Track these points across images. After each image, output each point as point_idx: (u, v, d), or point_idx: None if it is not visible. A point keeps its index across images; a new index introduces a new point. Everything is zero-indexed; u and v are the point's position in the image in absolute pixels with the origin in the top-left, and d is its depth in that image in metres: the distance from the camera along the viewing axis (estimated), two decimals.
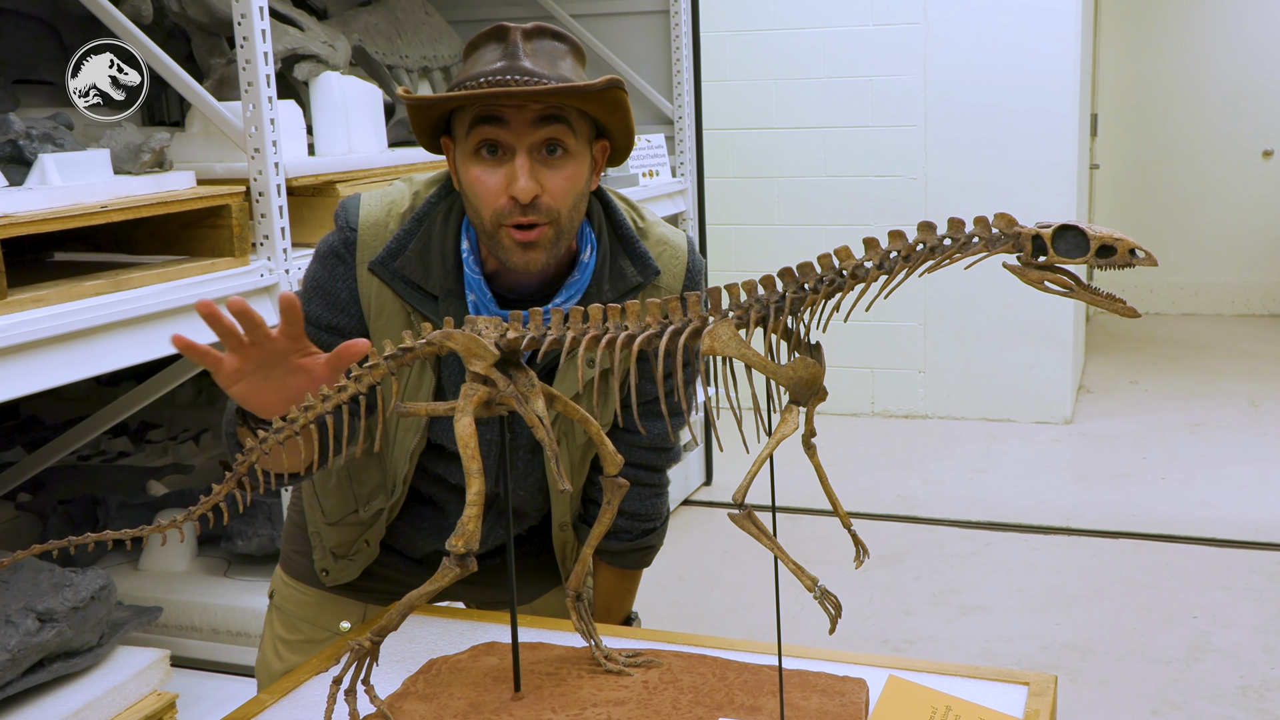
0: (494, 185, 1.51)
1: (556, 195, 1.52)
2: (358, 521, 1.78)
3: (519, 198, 1.49)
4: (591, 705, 1.41)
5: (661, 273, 1.70)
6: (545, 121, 1.50)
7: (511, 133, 1.49)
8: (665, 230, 1.75)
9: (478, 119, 1.50)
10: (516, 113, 1.48)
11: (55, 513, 3.27)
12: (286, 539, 1.92)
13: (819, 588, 1.29)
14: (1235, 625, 3.60)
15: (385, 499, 1.74)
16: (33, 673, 2.25)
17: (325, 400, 1.42)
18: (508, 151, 1.51)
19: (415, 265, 1.61)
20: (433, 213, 1.64)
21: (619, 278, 1.66)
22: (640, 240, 1.69)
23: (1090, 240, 1.13)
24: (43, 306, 2.09)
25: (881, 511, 4.64)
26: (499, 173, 1.51)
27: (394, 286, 1.61)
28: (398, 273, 1.61)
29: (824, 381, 1.27)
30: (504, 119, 1.49)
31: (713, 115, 5.69)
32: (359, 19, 3.77)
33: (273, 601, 1.94)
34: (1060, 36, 5.35)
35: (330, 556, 1.81)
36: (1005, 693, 1.44)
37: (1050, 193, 5.44)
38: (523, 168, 1.49)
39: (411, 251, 1.61)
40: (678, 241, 1.75)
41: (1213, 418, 5.68)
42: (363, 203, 1.66)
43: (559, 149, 1.52)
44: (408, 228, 1.63)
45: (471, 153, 1.52)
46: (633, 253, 1.68)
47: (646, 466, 1.79)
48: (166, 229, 2.50)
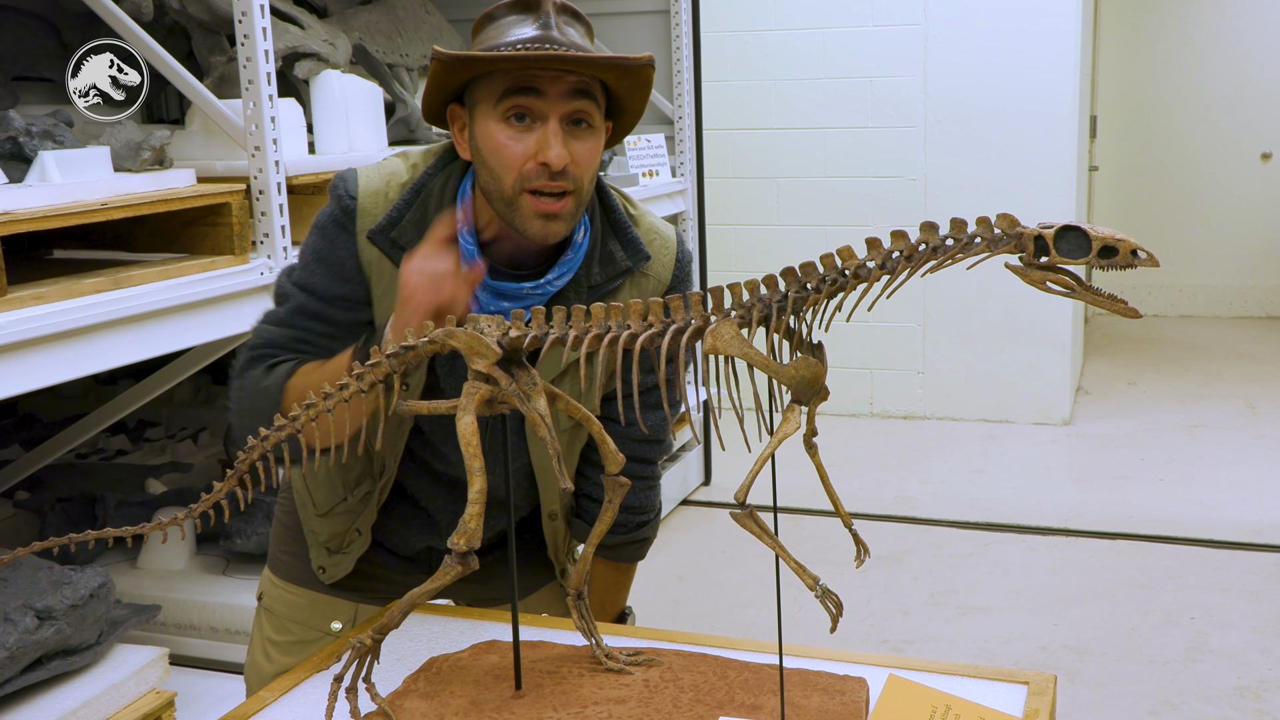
0: (521, 150, 1.52)
1: (582, 165, 1.54)
2: (347, 510, 1.77)
3: (552, 164, 1.50)
4: (592, 703, 1.41)
5: (651, 259, 1.71)
6: (577, 95, 1.51)
7: (546, 102, 1.50)
8: (655, 220, 1.77)
9: (511, 89, 1.50)
10: (552, 84, 1.50)
11: (53, 511, 3.26)
12: (275, 540, 1.91)
13: (820, 586, 1.29)
14: (1233, 626, 3.61)
15: (373, 481, 1.74)
16: (31, 670, 2.25)
17: (328, 398, 1.43)
18: (538, 119, 1.51)
19: (412, 235, 1.61)
20: (430, 184, 1.64)
21: (609, 261, 1.67)
22: (632, 225, 1.70)
23: (1092, 241, 1.13)
24: (42, 304, 2.09)
25: (880, 512, 4.64)
26: (528, 139, 1.52)
27: (392, 256, 1.61)
28: (395, 242, 1.61)
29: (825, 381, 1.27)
30: (539, 89, 1.50)
31: (713, 115, 5.69)
32: (359, 17, 3.77)
33: (261, 604, 1.93)
34: (1060, 38, 5.36)
35: (325, 552, 1.81)
36: (1005, 692, 1.44)
37: (1049, 194, 5.45)
38: (556, 135, 1.50)
39: (408, 221, 1.62)
40: (667, 232, 1.76)
41: (1211, 419, 5.68)
42: (361, 174, 1.67)
43: (584, 122, 1.54)
44: (406, 198, 1.63)
45: (500, 118, 1.52)
46: (624, 237, 1.69)
47: (639, 459, 1.79)
48: (166, 227, 2.50)
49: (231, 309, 2.45)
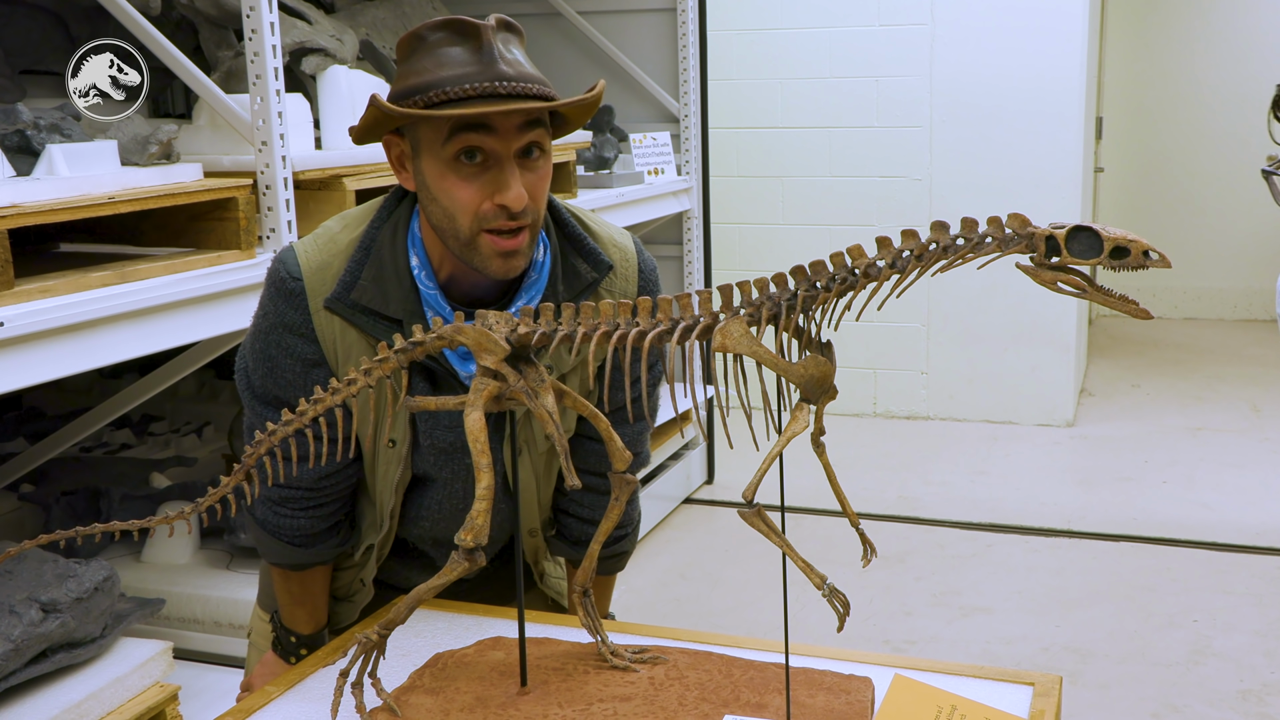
0: (477, 192, 1.46)
1: (536, 197, 1.49)
2: (352, 564, 1.78)
3: (511, 207, 1.44)
4: (598, 700, 1.41)
5: (614, 269, 1.66)
6: (529, 127, 1.46)
7: (498, 139, 1.44)
8: (613, 231, 1.73)
9: (460, 127, 1.43)
10: (504, 120, 1.43)
11: (58, 504, 3.27)
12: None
13: (827, 585, 1.29)
14: (1235, 629, 3.60)
15: (375, 534, 1.74)
16: (36, 663, 2.25)
17: (335, 394, 1.43)
18: (491, 158, 1.45)
19: (373, 293, 1.55)
20: (378, 238, 1.58)
21: (573, 276, 1.63)
22: (588, 237, 1.65)
23: (1104, 242, 1.13)
24: (49, 297, 2.09)
25: (883, 512, 4.64)
26: (482, 178, 1.46)
27: (355, 321, 1.55)
28: (355, 304, 1.55)
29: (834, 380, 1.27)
30: (491, 127, 1.44)
31: (718, 114, 5.69)
32: (366, 13, 3.77)
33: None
34: (1066, 39, 5.35)
35: (331, 599, 1.81)
36: (1010, 693, 1.44)
37: (1055, 195, 5.44)
38: (515, 177, 1.45)
39: (366, 280, 1.55)
40: (625, 243, 1.72)
41: (1214, 422, 5.68)
42: (298, 251, 1.60)
43: (536, 150, 1.49)
44: (356, 258, 1.56)
45: (450, 160, 1.45)
46: (582, 250, 1.64)
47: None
48: (173, 221, 2.50)
49: (237, 304, 2.45)
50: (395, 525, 1.73)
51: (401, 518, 1.74)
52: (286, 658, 1.79)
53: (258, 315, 1.63)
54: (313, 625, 1.78)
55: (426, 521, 1.73)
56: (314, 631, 1.78)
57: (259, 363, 1.62)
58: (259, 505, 1.69)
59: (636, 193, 4.18)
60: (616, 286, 1.68)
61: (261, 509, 1.69)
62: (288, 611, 1.78)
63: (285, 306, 1.58)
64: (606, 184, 4.10)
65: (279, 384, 1.60)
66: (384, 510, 1.71)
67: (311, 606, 1.77)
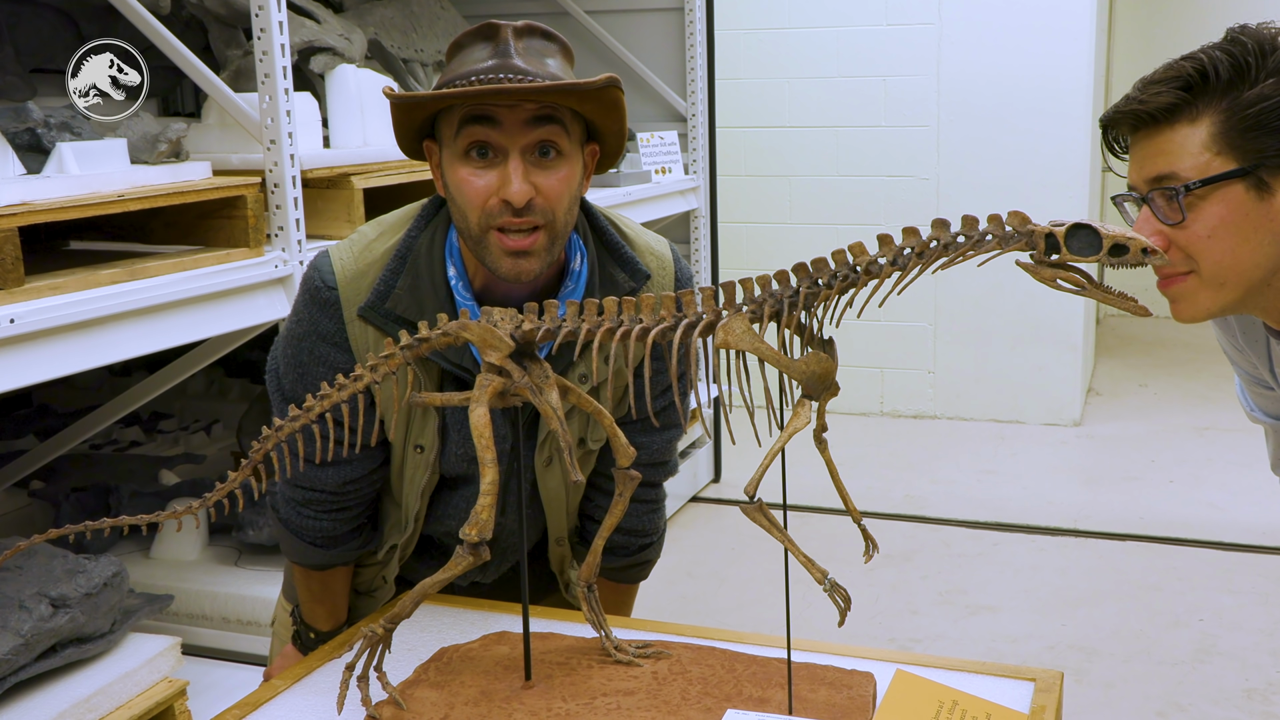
0: (483, 187, 1.45)
1: (551, 197, 1.47)
2: (375, 561, 1.79)
3: (513, 201, 1.44)
4: (601, 695, 1.42)
5: (651, 278, 1.66)
6: (539, 122, 1.45)
7: (504, 134, 1.44)
8: (650, 239, 1.72)
9: (468, 119, 1.44)
10: (510, 113, 1.43)
11: (67, 501, 3.29)
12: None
13: (829, 580, 1.30)
14: (1241, 628, 3.60)
15: (399, 535, 1.75)
16: (45, 658, 2.27)
17: (341, 389, 1.44)
18: (499, 153, 1.45)
19: (408, 302, 1.55)
20: (415, 246, 1.57)
21: (610, 285, 1.62)
22: (626, 246, 1.64)
23: (1103, 239, 1.13)
24: (59, 294, 2.10)
25: (889, 511, 4.64)
26: (489, 175, 1.46)
27: (389, 330, 1.54)
28: (390, 314, 1.55)
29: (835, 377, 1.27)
30: (496, 119, 1.44)
31: (726, 113, 5.69)
32: (375, 12, 3.78)
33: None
34: (1074, 38, 5.35)
35: (353, 593, 1.83)
36: (1011, 688, 1.45)
37: (1062, 195, 5.43)
38: (516, 170, 1.44)
39: (401, 289, 1.55)
40: (662, 251, 1.71)
41: (1221, 422, 5.67)
42: (334, 258, 1.59)
43: (552, 150, 1.47)
44: (392, 266, 1.56)
45: (461, 154, 1.46)
46: (620, 258, 1.63)
47: (644, 482, 1.75)
48: (182, 219, 2.52)
49: (246, 301, 2.46)
50: (420, 527, 1.74)
51: (427, 516, 1.75)
52: (305, 652, 1.80)
53: (291, 320, 1.64)
54: (332, 623, 1.80)
55: (453, 520, 1.74)
56: (333, 629, 1.80)
57: (290, 368, 1.63)
58: (283, 505, 1.70)
59: (644, 191, 4.19)
60: (654, 291, 1.65)
61: (285, 509, 1.70)
62: (308, 608, 1.80)
63: (319, 315, 1.59)
64: (614, 183, 4.11)
65: (309, 390, 1.60)
66: (409, 513, 1.72)
67: (331, 605, 1.79)
